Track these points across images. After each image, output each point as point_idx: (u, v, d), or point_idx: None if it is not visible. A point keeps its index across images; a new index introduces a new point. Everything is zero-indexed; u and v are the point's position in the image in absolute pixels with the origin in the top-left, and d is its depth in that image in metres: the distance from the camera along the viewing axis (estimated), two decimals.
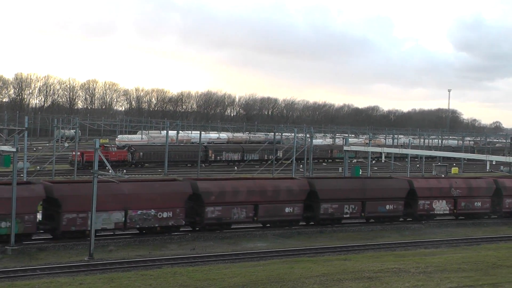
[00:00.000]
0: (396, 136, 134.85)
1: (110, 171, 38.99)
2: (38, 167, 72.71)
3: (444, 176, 57.64)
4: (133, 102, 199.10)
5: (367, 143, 78.52)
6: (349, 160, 70.29)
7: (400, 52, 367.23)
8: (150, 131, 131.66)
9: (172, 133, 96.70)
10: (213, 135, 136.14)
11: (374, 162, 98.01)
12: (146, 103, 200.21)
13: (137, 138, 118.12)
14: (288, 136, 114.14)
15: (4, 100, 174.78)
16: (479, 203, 53.50)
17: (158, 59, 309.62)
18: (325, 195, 46.71)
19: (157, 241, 39.94)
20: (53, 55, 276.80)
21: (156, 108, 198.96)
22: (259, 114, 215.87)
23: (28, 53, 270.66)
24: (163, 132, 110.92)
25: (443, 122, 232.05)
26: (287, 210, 45.35)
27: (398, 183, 51.20)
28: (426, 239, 44.87)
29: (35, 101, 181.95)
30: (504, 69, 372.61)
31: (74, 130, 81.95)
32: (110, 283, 29.39)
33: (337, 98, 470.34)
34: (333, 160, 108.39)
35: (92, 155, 64.65)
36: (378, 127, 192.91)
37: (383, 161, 73.15)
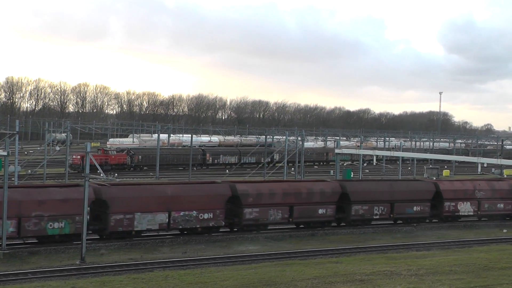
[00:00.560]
0: (387, 138, 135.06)
1: (102, 175, 39.41)
2: (30, 171, 72.54)
3: (470, 179, 59.28)
4: (124, 106, 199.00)
5: (358, 146, 78.68)
6: (340, 163, 70.38)
7: (391, 55, 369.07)
8: (141, 135, 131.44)
9: (163, 136, 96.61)
10: (204, 138, 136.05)
11: (365, 164, 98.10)
12: (138, 107, 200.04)
13: (128, 142, 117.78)
14: (279, 139, 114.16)
15: None
16: (502, 205, 54.60)
17: (150, 62, 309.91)
18: (356, 197, 48.27)
19: (148, 244, 39.93)
20: (44, 59, 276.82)
21: (147, 112, 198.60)
22: (250, 117, 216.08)
23: (19, 56, 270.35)
24: (155, 136, 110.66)
25: (435, 124, 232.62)
26: (321, 211, 46.90)
27: (425, 186, 52.74)
28: (417, 241, 44.93)
29: (26, 104, 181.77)
30: (495, 71, 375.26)
31: (65, 134, 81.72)
32: (102, 286, 29.30)
33: (328, 101, 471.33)
34: (327, 163, 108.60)
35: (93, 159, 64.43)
36: (370, 129, 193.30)
37: (374, 163, 73.21)
